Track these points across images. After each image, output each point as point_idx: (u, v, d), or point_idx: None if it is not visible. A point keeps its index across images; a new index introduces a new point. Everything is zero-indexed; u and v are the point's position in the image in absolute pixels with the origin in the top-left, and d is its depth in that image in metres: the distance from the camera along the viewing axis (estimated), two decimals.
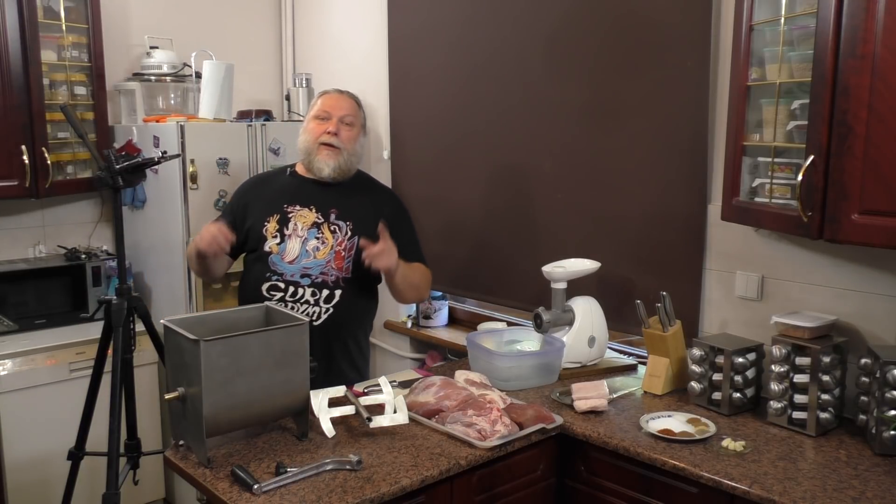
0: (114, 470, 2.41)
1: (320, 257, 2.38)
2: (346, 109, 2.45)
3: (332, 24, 3.85)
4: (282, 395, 1.93)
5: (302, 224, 2.39)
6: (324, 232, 2.39)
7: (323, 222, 2.41)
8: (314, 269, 2.37)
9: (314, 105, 2.48)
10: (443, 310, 3.55)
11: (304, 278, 2.37)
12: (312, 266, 2.37)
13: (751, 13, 2.08)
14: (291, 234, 2.39)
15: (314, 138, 2.41)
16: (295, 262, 2.37)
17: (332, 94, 2.50)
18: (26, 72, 3.03)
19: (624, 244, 2.71)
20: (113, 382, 2.47)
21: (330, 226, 2.41)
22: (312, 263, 2.37)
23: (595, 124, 2.76)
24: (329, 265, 2.38)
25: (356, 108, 2.49)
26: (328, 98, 2.48)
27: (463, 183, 3.25)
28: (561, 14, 2.82)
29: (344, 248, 2.40)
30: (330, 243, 2.38)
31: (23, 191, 3.09)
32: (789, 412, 2.10)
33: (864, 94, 1.74)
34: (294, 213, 2.42)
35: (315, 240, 2.39)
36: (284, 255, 2.37)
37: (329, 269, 2.38)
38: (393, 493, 1.75)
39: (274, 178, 2.55)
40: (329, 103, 2.45)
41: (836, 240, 1.85)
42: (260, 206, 2.45)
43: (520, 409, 2.12)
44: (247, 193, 2.53)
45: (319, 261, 2.37)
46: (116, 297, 2.54)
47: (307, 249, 2.38)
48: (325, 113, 2.43)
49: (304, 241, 2.38)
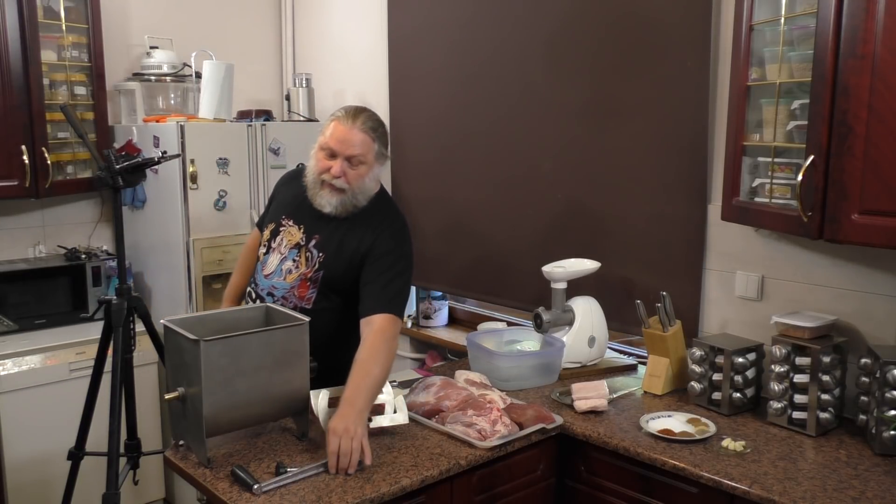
0: (114, 470, 2.41)
1: (289, 280, 2.25)
2: (356, 148, 2.15)
3: (332, 24, 3.85)
4: (282, 395, 1.93)
5: (287, 241, 2.28)
6: (301, 256, 2.24)
7: (303, 245, 2.25)
8: (279, 290, 2.26)
9: (325, 129, 2.20)
10: (443, 310, 3.55)
11: (269, 296, 2.27)
12: (279, 287, 2.26)
13: (751, 13, 2.08)
14: (276, 248, 2.30)
15: (317, 173, 2.19)
16: (268, 278, 2.29)
17: (343, 124, 2.16)
18: (26, 72, 3.03)
19: (624, 244, 2.71)
20: (113, 382, 2.47)
21: (307, 251, 2.24)
22: (279, 284, 2.26)
23: (595, 124, 2.76)
24: (292, 291, 2.23)
25: (368, 142, 2.17)
26: (338, 130, 2.16)
27: (463, 183, 3.25)
28: (561, 14, 2.82)
29: (310, 279, 2.22)
30: (301, 269, 2.23)
31: (23, 191, 3.09)
32: (789, 412, 2.10)
33: (864, 94, 1.74)
34: (286, 227, 2.30)
35: (291, 262, 2.26)
36: (265, 266, 2.31)
37: (291, 295, 2.23)
38: (393, 493, 1.75)
39: (295, 183, 2.35)
40: (337, 138, 2.15)
41: (836, 240, 1.85)
42: (273, 207, 2.42)
43: (520, 409, 2.12)
44: (278, 189, 2.46)
45: (286, 283, 2.25)
46: (116, 297, 2.54)
47: (282, 268, 2.27)
48: (330, 151, 2.16)
49: (283, 259, 2.27)
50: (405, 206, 3.52)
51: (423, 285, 3.53)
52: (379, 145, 2.21)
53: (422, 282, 3.51)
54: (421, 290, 3.61)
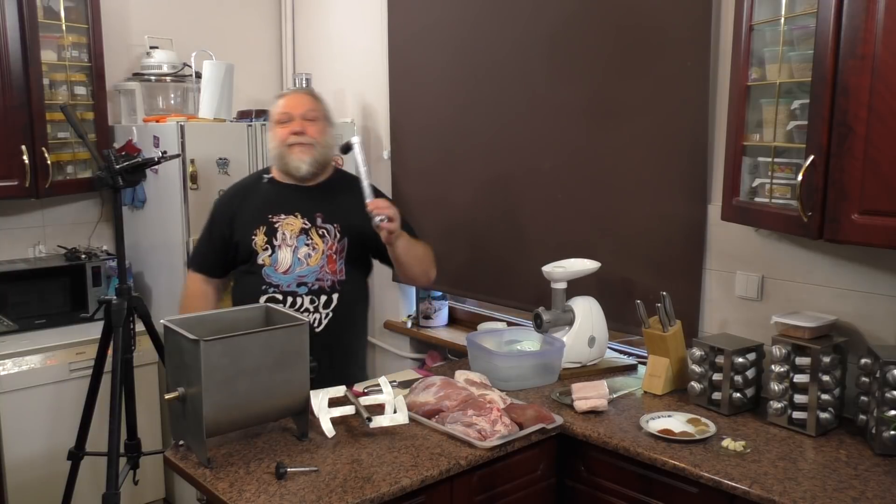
0: (114, 470, 2.41)
1: (313, 264, 2.36)
2: (306, 105, 2.40)
3: (332, 24, 3.85)
4: (282, 395, 1.93)
5: (290, 232, 2.36)
6: (313, 237, 2.37)
7: (310, 227, 2.38)
8: (309, 276, 2.35)
9: (273, 111, 2.43)
10: (443, 310, 3.55)
11: (301, 287, 2.35)
12: (307, 273, 2.35)
13: (751, 13, 2.08)
14: (281, 244, 2.35)
15: (282, 141, 2.38)
16: (289, 272, 2.35)
17: (287, 95, 2.46)
18: (26, 72, 3.03)
19: (624, 244, 2.71)
20: (113, 382, 2.47)
21: (318, 230, 2.38)
22: (307, 271, 2.35)
23: (595, 124, 2.76)
24: (323, 270, 2.36)
25: (315, 101, 2.44)
26: (285, 100, 2.43)
27: (463, 183, 3.25)
28: (561, 14, 2.82)
29: (335, 251, 2.38)
30: (321, 248, 2.36)
31: (23, 191, 3.09)
32: (789, 412, 2.10)
33: (864, 94, 1.74)
34: (280, 222, 2.37)
35: (305, 247, 2.36)
36: (277, 266, 2.35)
37: (324, 274, 2.36)
38: (393, 493, 1.75)
39: (252, 188, 2.48)
40: (287, 105, 2.40)
41: (836, 240, 1.85)
42: (244, 218, 2.40)
43: (520, 409, 2.12)
44: (229, 206, 2.46)
45: (313, 267, 2.36)
46: (116, 297, 2.54)
47: (299, 257, 2.35)
48: (285, 115, 2.38)
49: (295, 249, 2.35)
50: (405, 206, 3.52)
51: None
52: (325, 108, 2.46)
53: None
54: (421, 290, 3.61)
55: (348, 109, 3.79)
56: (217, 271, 2.48)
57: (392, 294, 3.68)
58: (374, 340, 3.75)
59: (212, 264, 2.46)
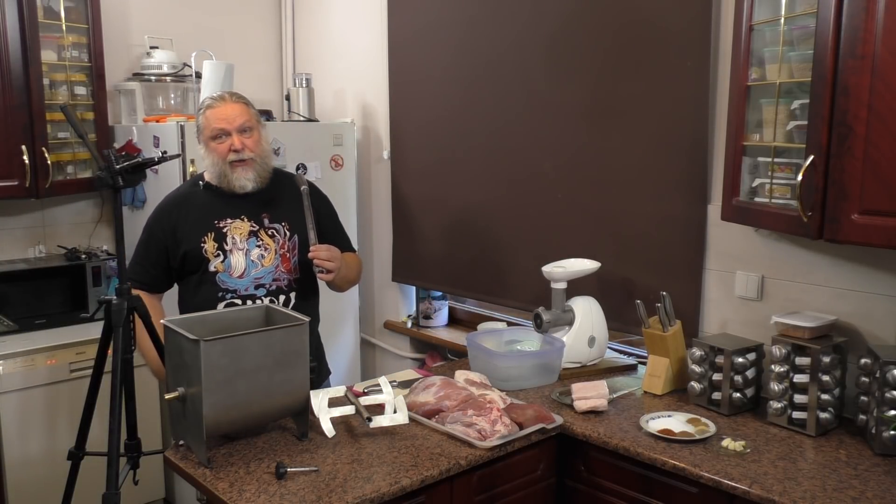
0: (114, 470, 2.41)
1: (267, 264, 2.34)
2: (241, 118, 2.30)
3: (332, 25, 3.86)
4: (282, 395, 1.93)
5: (239, 236, 2.33)
6: (263, 238, 2.35)
7: (258, 229, 2.35)
8: (265, 277, 2.34)
9: (203, 126, 2.32)
10: (443, 310, 3.55)
11: (259, 289, 2.33)
12: (263, 275, 2.34)
13: (751, 13, 2.08)
14: (232, 248, 2.32)
15: (222, 159, 2.30)
16: (245, 276, 2.32)
17: (216, 106, 2.31)
18: (26, 72, 3.03)
19: (624, 244, 2.71)
20: (113, 382, 2.46)
21: (267, 230, 2.36)
22: (262, 272, 2.34)
23: (595, 124, 2.76)
24: (279, 270, 2.36)
25: (246, 108, 2.34)
26: (216, 113, 2.30)
27: (463, 183, 3.25)
28: (562, 14, 2.82)
29: (287, 250, 2.37)
30: (272, 248, 2.35)
31: (23, 191, 3.09)
32: (789, 412, 2.10)
33: (864, 94, 1.74)
34: (227, 226, 2.33)
35: (257, 248, 2.34)
36: (232, 270, 2.32)
37: (279, 273, 2.36)
38: (393, 493, 1.75)
39: (190, 196, 2.40)
40: (219, 118, 2.29)
41: (836, 240, 1.85)
42: (188, 227, 2.34)
43: (520, 409, 2.12)
44: (168, 218, 2.37)
45: (268, 268, 2.34)
46: (116, 297, 2.53)
47: (252, 260, 2.33)
48: (219, 131, 2.29)
49: (247, 252, 2.33)
50: (405, 206, 3.53)
51: (423, 285, 3.54)
52: (254, 110, 2.39)
53: (422, 282, 3.51)
54: (421, 290, 3.61)
55: (348, 109, 3.79)
56: (159, 286, 2.45)
57: (392, 294, 3.68)
58: (374, 340, 3.75)
59: (152, 279, 2.41)
